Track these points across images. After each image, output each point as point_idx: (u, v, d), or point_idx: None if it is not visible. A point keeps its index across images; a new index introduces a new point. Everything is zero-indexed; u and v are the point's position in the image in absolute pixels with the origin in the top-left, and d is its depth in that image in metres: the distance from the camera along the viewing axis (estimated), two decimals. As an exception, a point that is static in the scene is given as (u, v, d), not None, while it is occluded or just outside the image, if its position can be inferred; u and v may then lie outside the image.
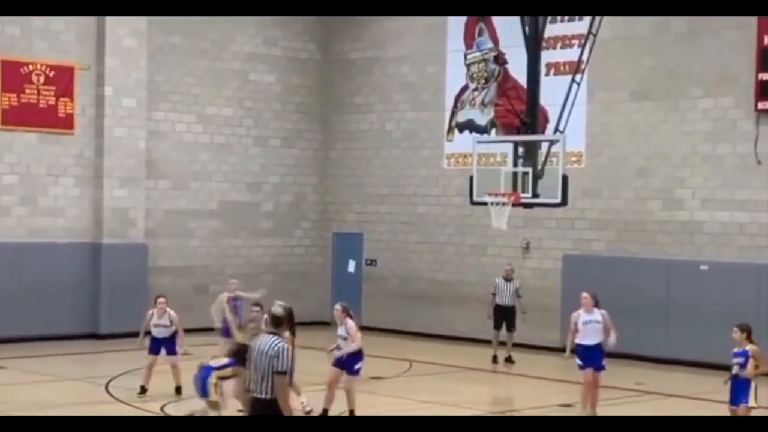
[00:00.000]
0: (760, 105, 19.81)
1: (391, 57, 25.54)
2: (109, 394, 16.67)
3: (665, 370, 17.78)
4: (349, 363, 14.87)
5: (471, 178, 19.85)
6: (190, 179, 24.82)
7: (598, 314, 15.23)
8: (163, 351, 16.71)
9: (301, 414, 10.06)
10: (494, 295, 21.22)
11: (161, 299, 16.87)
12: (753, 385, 12.96)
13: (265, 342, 9.48)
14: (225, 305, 18.36)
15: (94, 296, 23.13)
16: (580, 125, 21.78)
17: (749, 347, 12.97)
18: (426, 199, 24.90)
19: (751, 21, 19.81)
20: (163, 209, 24.39)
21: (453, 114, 24.54)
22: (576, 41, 21.60)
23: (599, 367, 15.13)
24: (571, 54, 21.51)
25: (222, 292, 18.74)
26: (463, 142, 23.63)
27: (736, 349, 13.08)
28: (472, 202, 20.01)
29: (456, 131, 24.47)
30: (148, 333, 16.81)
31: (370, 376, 18.84)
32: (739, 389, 13.01)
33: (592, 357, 15.06)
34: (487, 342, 21.21)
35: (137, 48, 23.47)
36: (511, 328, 21.07)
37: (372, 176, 25.89)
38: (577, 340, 15.22)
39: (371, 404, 16.12)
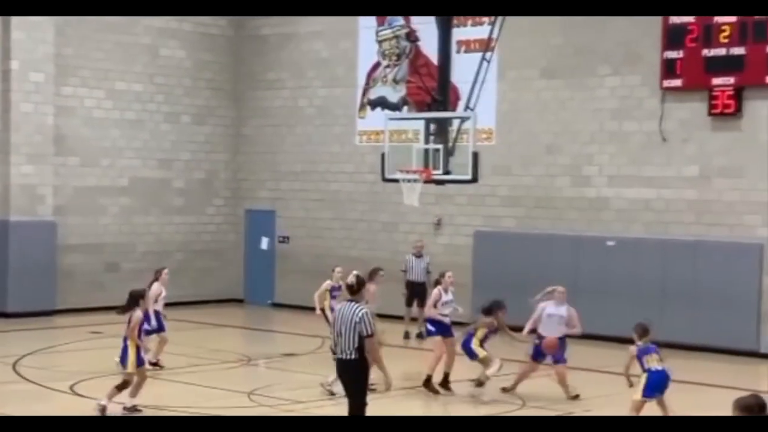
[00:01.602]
0: (666, 83, 20.18)
1: (303, 33, 25.47)
2: (17, 374, 16.45)
3: (573, 343, 18.10)
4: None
5: (383, 155, 19.93)
6: (100, 156, 24.51)
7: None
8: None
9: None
10: (405, 271, 21.38)
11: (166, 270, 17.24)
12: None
13: (348, 309, 10.82)
14: (326, 293, 17.96)
15: (1, 274, 22.75)
16: (491, 103, 21.99)
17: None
18: (339, 176, 24.93)
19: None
20: (72, 186, 24.05)
21: (365, 91, 24.58)
22: (486, 19, 21.75)
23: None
24: (482, 32, 21.69)
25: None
26: (376, 119, 23.70)
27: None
28: (384, 179, 20.10)
29: (368, 108, 24.53)
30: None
31: (282, 353, 18.93)
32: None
33: (445, 328, 15.80)
34: (399, 318, 21.36)
35: (44, 21, 23.02)
36: (421, 304, 21.21)
37: (285, 153, 25.83)
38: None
39: (286, 380, 16.24)
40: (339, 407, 12.57)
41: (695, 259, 19.78)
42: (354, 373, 10.83)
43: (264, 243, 26.17)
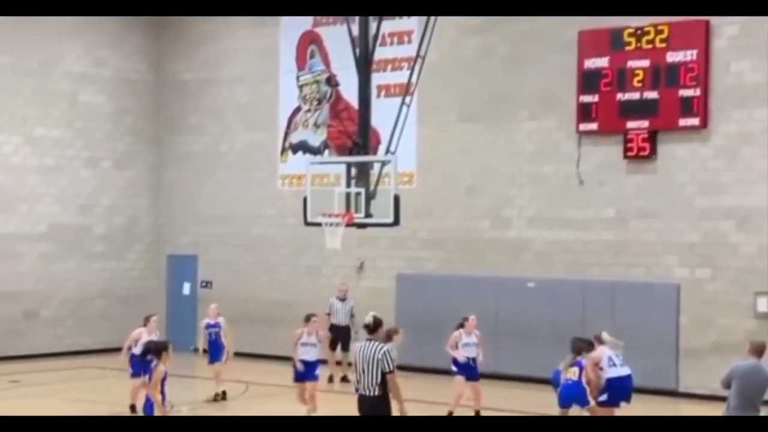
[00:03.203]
0: (582, 127, 20.57)
1: (224, 78, 25.50)
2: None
3: (496, 386, 18.24)
4: None
5: (305, 199, 19.94)
6: (18, 202, 24.20)
7: (474, 336, 17.17)
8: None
9: None
10: (329, 315, 21.41)
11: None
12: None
13: (368, 348, 11.50)
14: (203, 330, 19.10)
15: None
16: (411, 146, 22.19)
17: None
18: (261, 220, 24.93)
19: (573, 45, 20.57)
20: (-11, 233, 23.71)
21: (286, 135, 24.66)
22: (405, 64, 21.98)
23: (473, 377, 17.06)
24: (401, 76, 21.88)
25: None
26: (297, 163, 23.77)
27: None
28: (306, 223, 20.09)
29: (290, 152, 24.59)
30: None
31: (205, 399, 18.77)
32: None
33: (468, 369, 17.04)
34: (323, 362, 21.31)
35: (-39, 68, 22.79)
36: (345, 347, 21.27)
37: (206, 198, 25.77)
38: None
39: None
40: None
41: (614, 300, 20.10)
42: (377, 409, 11.42)
43: (186, 288, 26.01)
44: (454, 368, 17.06)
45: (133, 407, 17.02)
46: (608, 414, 14.81)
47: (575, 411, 15.09)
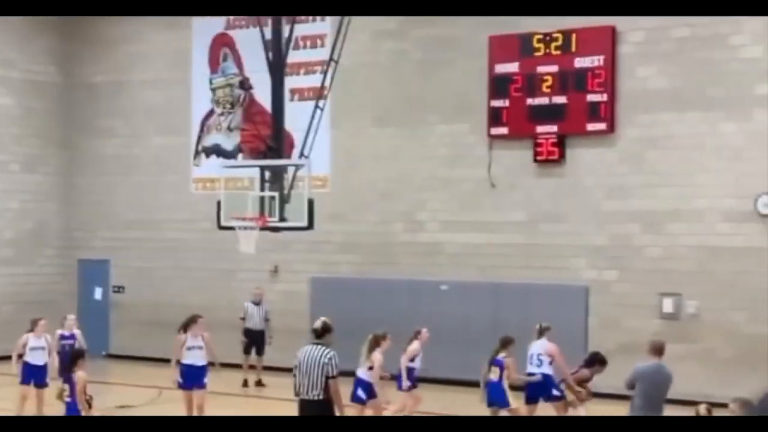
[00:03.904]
0: (493, 131, 20.87)
1: (136, 81, 25.31)
2: None
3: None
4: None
5: (218, 203, 19.96)
6: (-76, 207, 23.76)
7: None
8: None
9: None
10: (243, 319, 21.42)
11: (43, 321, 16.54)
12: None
13: (314, 351, 11.46)
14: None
15: None
16: (325, 150, 22.29)
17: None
18: (174, 224, 24.79)
19: (484, 50, 20.85)
20: None
21: (199, 139, 24.57)
22: (318, 67, 22.05)
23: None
24: (314, 80, 21.99)
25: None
26: (211, 166, 23.71)
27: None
28: (220, 227, 20.10)
29: (203, 156, 24.51)
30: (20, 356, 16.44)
31: (117, 405, 18.64)
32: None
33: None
34: (238, 366, 21.33)
35: None
36: (260, 351, 21.30)
37: (119, 202, 25.55)
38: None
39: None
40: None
41: (525, 302, 20.41)
42: (319, 413, 11.31)
43: (98, 293, 25.76)
44: (408, 382, 16.45)
45: None
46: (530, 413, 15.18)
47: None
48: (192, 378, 15.77)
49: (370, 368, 15.39)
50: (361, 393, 15.45)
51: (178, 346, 15.84)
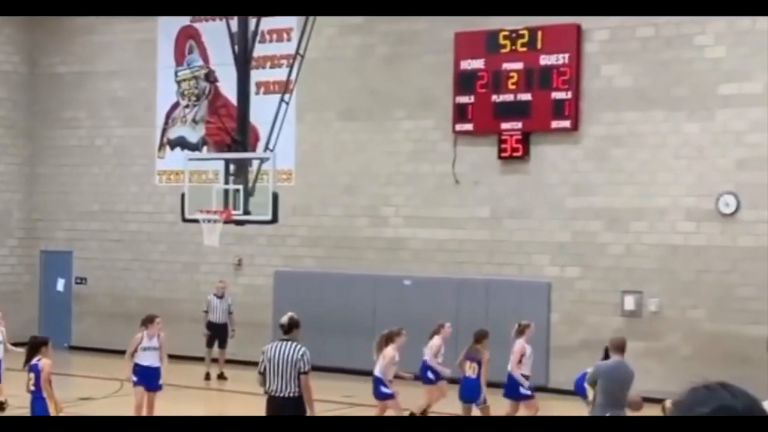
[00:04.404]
0: (457, 127, 20.92)
1: (100, 72, 25.17)
2: None
3: (360, 380, 18.39)
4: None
5: (183, 196, 19.89)
6: None
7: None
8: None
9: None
10: (206, 312, 21.38)
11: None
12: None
13: (284, 348, 11.21)
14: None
15: None
16: (290, 144, 22.25)
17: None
18: (138, 216, 24.68)
19: (450, 46, 20.90)
20: None
21: (164, 131, 24.47)
22: (284, 61, 22.01)
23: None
24: (280, 74, 21.93)
25: None
26: (175, 159, 23.62)
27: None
28: (184, 220, 20.04)
29: (167, 148, 24.42)
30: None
31: (79, 397, 18.55)
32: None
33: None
34: (200, 359, 21.29)
35: None
36: (223, 344, 21.27)
37: (82, 193, 25.40)
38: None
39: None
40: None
41: (487, 298, 20.51)
42: (294, 410, 11.18)
43: (60, 284, 25.60)
44: (432, 376, 16.41)
45: None
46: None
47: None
48: (146, 379, 15.39)
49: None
50: (385, 389, 15.29)
51: (135, 344, 15.45)
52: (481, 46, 20.61)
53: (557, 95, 19.98)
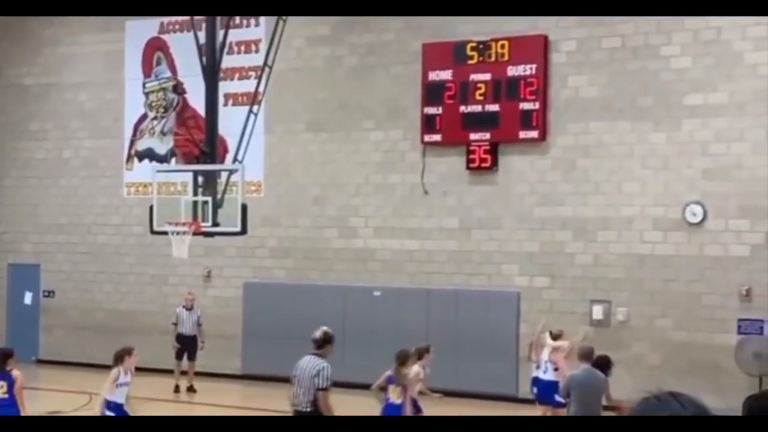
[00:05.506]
0: (426, 138, 20.97)
1: (67, 83, 25.05)
2: None
3: (340, 393, 18.42)
4: None
5: (151, 208, 19.83)
6: None
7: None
8: None
9: None
10: (175, 324, 21.30)
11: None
12: None
13: (308, 362, 11.29)
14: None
15: None
16: (259, 155, 22.25)
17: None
18: (106, 228, 24.57)
19: (418, 57, 20.96)
20: None
21: (132, 143, 24.38)
22: (253, 73, 22.02)
23: None
24: (249, 85, 21.94)
25: None
26: (143, 171, 23.54)
27: None
28: (153, 232, 19.98)
29: (136, 160, 24.33)
30: None
31: (47, 411, 18.43)
32: None
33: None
34: (169, 372, 21.20)
35: None
36: (192, 357, 21.19)
37: (49, 205, 25.26)
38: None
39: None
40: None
41: (456, 308, 20.56)
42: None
43: (27, 298, 25.44)
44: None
45: None
46: None
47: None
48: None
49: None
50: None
51: (112, 380, 13.71)
52: (448, 57, 20.69)
53: (525, 106, 20.08)
